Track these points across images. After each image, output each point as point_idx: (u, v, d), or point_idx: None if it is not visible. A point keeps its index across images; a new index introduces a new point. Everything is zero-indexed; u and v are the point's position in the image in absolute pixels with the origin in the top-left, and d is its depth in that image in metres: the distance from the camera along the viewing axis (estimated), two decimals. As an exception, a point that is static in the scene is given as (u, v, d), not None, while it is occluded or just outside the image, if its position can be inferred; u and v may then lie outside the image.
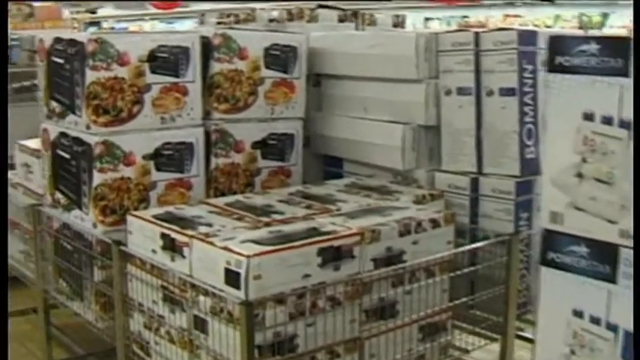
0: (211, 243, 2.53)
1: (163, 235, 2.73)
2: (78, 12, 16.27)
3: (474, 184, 3.36)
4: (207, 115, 3.42)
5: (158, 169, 3.27)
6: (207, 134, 3.41)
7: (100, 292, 3.17)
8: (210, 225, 2.75)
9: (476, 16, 12.12)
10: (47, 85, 3.44)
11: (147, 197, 3.25)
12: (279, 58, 3.61)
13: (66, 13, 16.63)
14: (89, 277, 3.24)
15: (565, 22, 10.77)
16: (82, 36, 3.17)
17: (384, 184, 3.50)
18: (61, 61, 3.29)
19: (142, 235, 2.85)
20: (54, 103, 3.39)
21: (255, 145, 3.56)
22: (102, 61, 3.09)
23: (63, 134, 3.34)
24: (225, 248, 2.47)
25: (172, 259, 2.69)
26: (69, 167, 3.31)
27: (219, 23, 4.40)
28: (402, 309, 2.85)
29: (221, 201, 3.15)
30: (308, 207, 3.06)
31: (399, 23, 4.48)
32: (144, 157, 3.22)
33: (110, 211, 3.16)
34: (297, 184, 3.70)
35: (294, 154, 3.71)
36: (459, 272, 3.03)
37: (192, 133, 3.36)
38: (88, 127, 3.12)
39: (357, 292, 2.68)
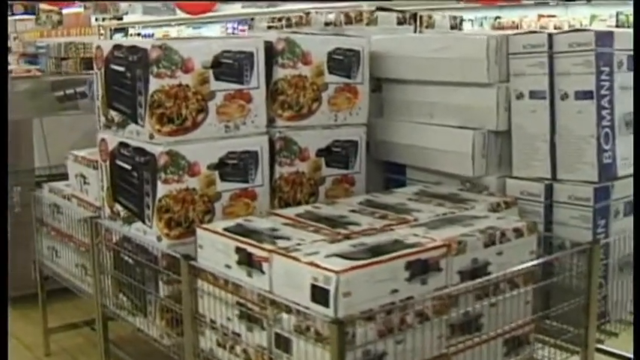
0: (295, 258, 2.40)
1: (239, 250, 2.60)
2: (104, 19, 16.26)
3: (549, 191, 3.21)
4: (270, 122, 3.29)
5: (223, 180, 3.15)
6: (271, 142, 3.28)
7: (166, 307, 3.05)
8: (288, 238, 2.62)
9: (509, 16, 11.93)
10: (105, 93, 3.33)
11: (212, 209, 3.13)
12: (343, 62, 3.48)
13: (93, 20, 16.65)
14: (153, 292, 3.12)
15: (601, 21, 10.56)
16: (144, 42, 3.05)
17: (454, 192, 3.36)
18: (121, 68, 3.17)
19: (214, 250, 2.72)
20: (113, 113, 3.28)
21: (320, 152, 3.44)
22: (166, 69, 2.97)
23: (123, 144, 3.22)
24: (312, 264, 2.34)
25: (249, 275, 2.56)
26: (130, 178, 3.20)
27: (269, 27, 4.27)
28: (487, 323, 2.72)
29: (290, 212, 3.02)
30: (383, 217, 2.92)
31: (456, 25, 4.33)
32: (208, 167, 3.10)
33: (175, 224, 3.05)
34: (361, 193, 3.57)
35: (358, 161, 3.58)
36: (541, 283, 2.88)
37: (257, 142, 3.23)
38: (151, 137, 3.01)
39: (444, 306, 2.55)
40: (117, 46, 3.21)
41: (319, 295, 2.31)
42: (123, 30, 17.16)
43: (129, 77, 3.12)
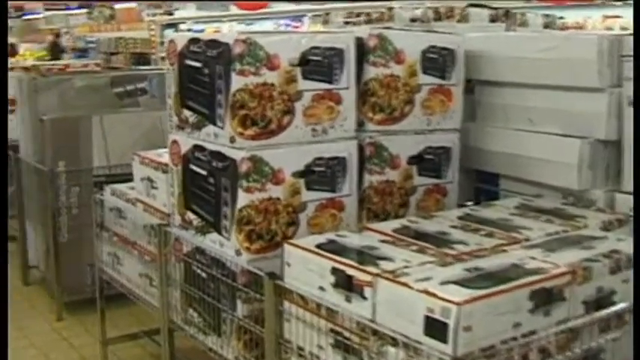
0: (405, 284, 2.09)
1: (336, 271, 2.30)
2: (155, 14, 16.12)
3: (664, 208, 2.86)
4: (360, 126, 2.99)
5: (308, 189, 2.86)
6: (361, 148, 2.98)
7: (244, 328, 2.76)
8: (391, 259, 2.31)
9: (573, 17, 11.50)
10: (178, 91, 3.05)
11: (296, 220, 2.84)
12: (437, 62, 3.17)
13: (145, 15, 16.52)
14: (229, 311, 2.83)
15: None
16: (226, 36, 2.76)
17: (559, 206, 3.03)
18: (197, 64, 2.89)
19: (305, 269, 2.42)
20: (187, 112, 3.00)
21: (411, 160, 3.13)
22: (250, 65, 2.68)
23: (198, 147, 2.94)
24: (426, 292, 2.03)
25: (348, 300, 2.26)
26: (205, 185, 2.92)
27: (346, 23, 3.97)
28: (609, 358, 2.38)
29: (385, 227, 2.71)
30: (489, 235, 2.61)
31: (549, 24, 3.99)
32: (293, 175, 2.81)
33: (256, 237, 2.76)
34: (452, 204, 3.27)
35: (451, 170, 3.27)
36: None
37: (346, 147, 2.94)
38: (232, 140, 2.72)
39: (567, 340, 2.22)
40: (193, 40, 2.93)
41: (435, 328, 2.00)
42: (174, 25, 16.99)
43: (207, 74, 2.83)
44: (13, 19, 22.62)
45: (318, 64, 2.84)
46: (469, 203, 3.25)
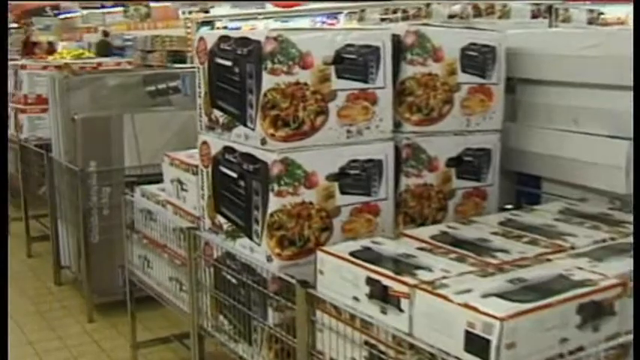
0: (444, 297, 1.97)
1: (371, 281, 2.18)
2: (191, 12, 16.10)
3: None
4: (396, 127, 2.87)
5: (343, 192, 2.74)
6: (397, 150, 2.86)
7: (275, 337, 2.66)
8: (429, 269, 2.19)
9: (613, 12, 11.23)
10: (208, 91, 2.95)
11: (330, 225, 2.73)
12: (477, 60, 3.04)
13: (180, 13, 16.51)
14: (260, 319, 2.73)
15: None
16: (257, 33, 2.65)
17: (605, 212, 2.88)
18: (227, 63, 2.79)
19: (339, 278, 2.31)
20: (217, 113, 2.90)
21: (450, 162, 3.00)
22: (282, 64, 2.57)
23: (228, 149, 2.84)
24: (467, 306, 1.90)
25: (383, 312, 2.14)
26: (236, 188, 2.82)
27: (382, 20, 3.84)
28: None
29: (423, 233, 2.59)
30: (533, 243, 2.48)
31: (593, 20, 3.83)
32: (327, 178, 2.70)
33: (288, 243, 2.65)
34: (492, 208, 3.14)
35: (491, 172, 3.14)
36: None
37: (382, 149, 2.82)
38: (263, 142, 2.61)
39: (618, 357, 2.09)
40: (223, 38, 2.83)
41: (476, 344, 1.87)
42: (209, 23, 16.95)
43: (237, 73, 2.73)
44: (50, 17, 22.81)
45: (353, 63, 2.73)
46: (509, 207, 3.11)
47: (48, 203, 5.25)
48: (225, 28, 17.45)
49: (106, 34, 17.98)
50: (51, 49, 15.36)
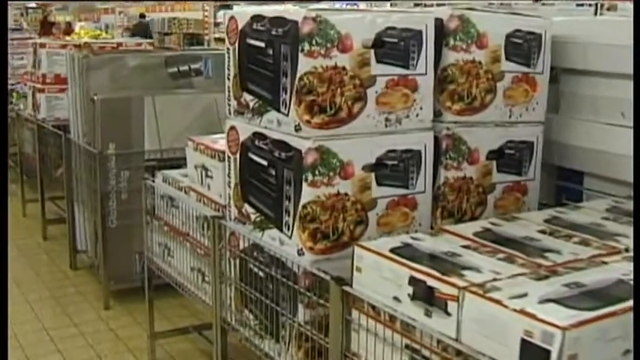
0: (498, 301, 1.81)
1: (414, 281, 2.03)
2: (209, -5, 15.92)
3: None
4: (436, 116, 2.71)
5: (379, 184, 2.59)
6: (436, 140, 2.70)
7: (305, 335, 2.51)
8: (477, 269, 2.03)
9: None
10: (238, 73, 2.80)
11: (365, 218, 2.58)
12: (522, 47, 2.87)
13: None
14: (289, 315, 2.59)
15: None
16: (294, 12, 2.49)
17: (655, 210, 2.70)
18: (260, 44, 2.64)
19: (378, 276, 2.16)
20: (247, 96, 2.75)
21: (491, 155, 2.84)
22: (320, 46, 2.42)
23: (259, 135, 2.69)
24: (524, 312, 1.75)
25: (427, 314, 1.99)
26: (266, 177, 2.67)
27: (416, 5, 3.66)
28: None
29: (465, 229, 2.44)
30: (584, 243, 2.32)
31: (640, 7, 3.63)
32: (364, 169, 2.55)
33: (321, 236, 2.50)
34: (533, 203, 2.99)
35: (533, 166, 2.98)
36: None
37: (421, 139, 2.66)
38: (297, 129, 2.46)
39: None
40: (256, 17, 2.67)
41: (533, 355, 1.72)
42: (228, 7, 16.78)
43: (271, 55, 2.58)
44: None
45: (394, 47, 2.57)
46: (546, 202, 2.96)
47: (64, 186, 5.11)
48: (243, 11, 17.28)
49: (142, 15, 17.49)
50: (68, 29, 15.24)
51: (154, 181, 3.73)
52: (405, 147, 2.63)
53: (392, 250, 2.20)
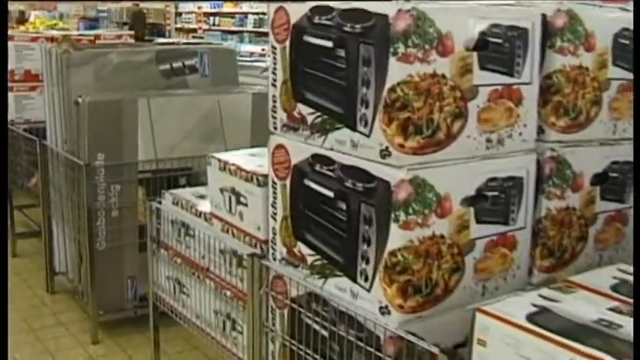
0: None
1: (578, 369, 1.50)
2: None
3: None
4: (537, 134, 2.19)
5: (478, 221, 2.06)
6: (538, 164, 2.18)
7: (390, 417, 1.97)
8: (659, 352, 1.51)
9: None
10: (291, 79, 2.24)
11: (462, 265, 2.06)
12: (628, 50, 2.36)
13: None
14: (365, 388, 2.04)
15: None
16: (380, 6, 1.93)
17: None
18: (325, 43, 2.09)
19: (515, 354, 1.63)
20: (304, 109, 2.20)
21: (594, 179, 2.33)
22: (417, 48, 1.87)
23: (321, 158, 2.15)
24: None
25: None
26: (331, 211, 2.12)
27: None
28: None
29: (596, 281, 1.93)
30: None
31: None
32: (462, 203, 2.01)
33: (413, 290, 1.96)
34: (630, 234, 2.47)
35: (633, 191, 2.46)
36: None
37: (524, 163, 2.15)
38: (385, 154, 1.92)
39: None
40: (319, 9, 2.12)
41: None
42: (190, -4, 16.09)
43: (343, 57, 2.03)
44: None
45: (498, 49, 2.05)
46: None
47: (41, 197, 4.47)
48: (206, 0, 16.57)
49: (137, 5, 16.24)
50: (22, 18, 14.40)
51: (160, 203, 3.14)
52: (506, 174, 2.11)
53: (531, 320, 1.67)
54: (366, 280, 2.03)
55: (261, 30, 15.43)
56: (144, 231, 3.92)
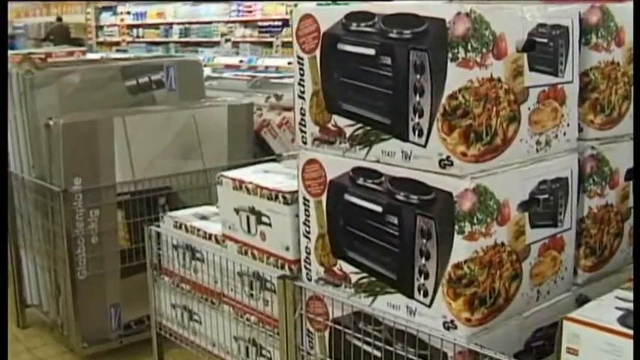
0: None
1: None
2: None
3: None
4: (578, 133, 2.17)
5: (532, 225, 2.01)
6: (579, 163, 2.15)
7: None
8: None
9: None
10: (323, 90, 2.15)
11: (520, 271, 2.02)
12: (650, 41, 2.34)
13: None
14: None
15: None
16: (433, 7, 1.85)
17: None
18: (366, 50, 2.01)
19: (615, 362, 1.57)
20: (341, 120, 2.11)
21: (628, 174, 2.31)
22: (475, 52, 1.80)
23: (365, 171, 2.06)
24: None
25: None
26: (379, 226, 2.04)
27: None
28: None
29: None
30: None
31: None
32: (518, 208, 1.96)
33: (479, 302, 1.89)
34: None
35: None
36: None
37: (568, 164, 2.11)
38: (445, 164, 1.85)
39: None
40: (357, 15, 2.03)
41: None
42: (110, 9, 15.73)
43: (388, 65, 1.94)
44: None
45: (544, 49, 2.01)
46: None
47: (8, 229, 4.24)
48: (128, 13, 16.25)
49: (59, 18, 15.75)
50: None
51: (159, 226, 3.00)
52: (554, 175, 2.07)
53: (624, 324, 1.62)
54: (425, 295, 1.95)
55: (187, 40, 15.19)
56: (125, 256, 3.79)
